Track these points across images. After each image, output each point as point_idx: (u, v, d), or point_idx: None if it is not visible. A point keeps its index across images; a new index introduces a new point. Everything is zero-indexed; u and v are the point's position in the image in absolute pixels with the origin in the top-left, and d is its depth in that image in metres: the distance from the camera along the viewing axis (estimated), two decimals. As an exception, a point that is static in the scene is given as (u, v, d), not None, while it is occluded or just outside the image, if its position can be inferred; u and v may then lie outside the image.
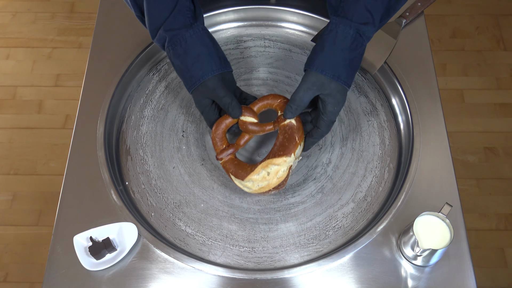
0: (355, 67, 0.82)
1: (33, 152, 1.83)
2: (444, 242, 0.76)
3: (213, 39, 0.86)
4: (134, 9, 0.86)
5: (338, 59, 0.80)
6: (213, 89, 0.83)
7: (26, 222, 1.70)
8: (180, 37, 0.83)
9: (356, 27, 0.79)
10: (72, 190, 0.88)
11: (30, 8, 2.16)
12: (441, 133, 0.92)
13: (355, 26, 0.79)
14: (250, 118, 0.86)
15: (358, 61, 0.82)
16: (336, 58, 0.80)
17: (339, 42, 0.79)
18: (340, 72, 0.80)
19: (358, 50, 0.81)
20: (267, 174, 0.82)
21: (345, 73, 0.80)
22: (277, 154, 0.82)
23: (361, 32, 0.80)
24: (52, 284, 0.81)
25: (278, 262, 0.84)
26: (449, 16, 2.10)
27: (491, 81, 1.95)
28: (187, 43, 0.83)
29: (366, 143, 0.94)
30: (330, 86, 0.80)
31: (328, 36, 0.80)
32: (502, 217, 1.68)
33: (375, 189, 0.90)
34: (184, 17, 0.83)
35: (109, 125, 0.95)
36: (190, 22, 0.83)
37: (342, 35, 0.79)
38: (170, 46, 0.84)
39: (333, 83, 0.80)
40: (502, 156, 1.79)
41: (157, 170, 0.92)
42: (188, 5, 0.84)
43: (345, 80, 0.81)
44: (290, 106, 0.82)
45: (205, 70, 0.83)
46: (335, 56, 0.80)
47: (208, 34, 0.85)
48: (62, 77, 2.00)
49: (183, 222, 0.87)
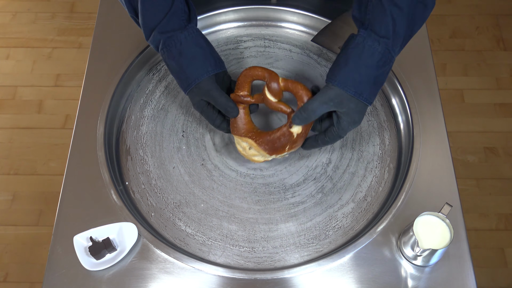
0: (378, 85, 0.79)
1: (33, 152, 1.83)
2: (444, 242, 0.76)
3: (207, 40, 0.86)
4: (128, 10, 0.86)
5: (363, 76, 0.76)
6: (208, 90, 0.83)
7: (26, 222, 1.70)
8: (175, 39, 0.83)
9: (385, 42, 0.75)
10: (72, 190, 0.88)
11: (30, 8, 2.16)
12: (441, 133, 0.92)
13: (384, 42, 0.75)
14: (272, 97, 0.86)
15: (383, 78, 0.79)
16: (360, 75, 0.76)
17: (366, 58, 0.76)
18: (362, 89, 0.77)
19: (385, 68, 0.77)
20: (248, 147, 0.87)
21: (368, 91, 0.77)
22: (262, 146, 0.85)
23: (390, 48, 0.76)
24: (52, 284, 0.80)
25: (278, 262, 0.84)
26: (449, 16, 2.10)
27: (491, 81, 1.95)
28: (182, 45, 0.83)
29: (366, 143, 0.94)
30: (349, 105, 0.78)
31: (354, 50, 0.76)
32: (502, 217, 1.68)
33: (375, 189, 0.90)
34: (178, 20, 0.83)
35: (109, 125, 0.95)
36: (184, 24, 0.84)
37: (369, 50, 0.75)
38: (165, 48, 0.84)
39: (352, 102, 0.77)
40: (502, 156, 1.79)
41: (157, 170, 0.92)
42: (183, 7, 0.84)
43: (367, 97, 0.78)
44: (300, 113, 0.81)
45: (200, 71, 0.83)
46: (359, 73, 0.76)
47: (202, 36, 0.85)
48: (62, 77, 2.00)
49: (183, 222, 0.87)
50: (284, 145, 0.85)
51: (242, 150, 0.88)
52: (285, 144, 0.85)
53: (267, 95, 0.85)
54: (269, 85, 0.84)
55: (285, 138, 0.84)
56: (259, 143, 0.85)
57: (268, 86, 0.84)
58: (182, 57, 0.83)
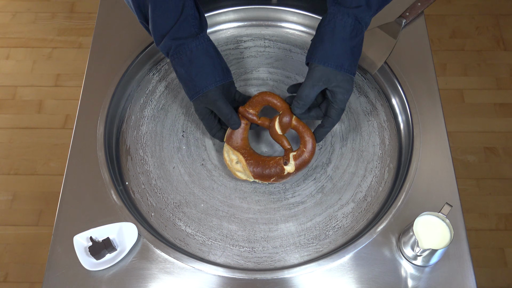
0: (356, 55, 0.83)
1: (33, 152, 1.83)
2: (444, 242, 0.76)
3: (217, 49, 0.87)
4: (138, 16, 0.86)
5: (339, 49, 0.80)
6: (214, 100, 0.84)
7: (26, 222, 1.70)
8: (186, 47, 0.83)
9: (354, 13, 0.79)
10: (72, 190, 0.88)
11: (30, 8, 2.16)
12: (441, 133, 0.92)
13: (353, 13, 0.79)
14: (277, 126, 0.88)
15: (359, 48, 0.83)
16: (337, 48, 0.80)
17: (339, 32, 0.80)
18: (343, 62, 0.81)
19: (358, 38, 0.81)
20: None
21: (348, 62, 0.81)
22: (250, 167, 0.86)
23: (359, 19, 0.80)
24: (52, 284, 0.80)
25: (278, 262, 0.84)
26: (449, 16, 2.10)
27: (491, 81, 1.95)
28: (192, 53, 0.83)
29: (366, 143, 0.94)
30: (337, 78, 0.81)
31: (327, 26, 0.81)
32: (502, 217, 1.68)
33: (375, 189, 0.90)
34: (190, 26, 0.83)
35: (109, 125, 0.95)
36: (195, 32, 0.84)
37: (340, 24, 0.80)
38: (175, 54, 0.84)
39: (339, 75, 0.81)
40: (502, 156, 1.79)
41: (157, 170, 0.92)
42: (193, 13, 0.84)
43: (349, 68, 0.81)
44: (297, 102, 0.84)
45: (209, 81, 0.84)
46: (336, 46, 0.80)
47: (212, 45, 0.86)
48: (62, 77, 2.00)
49: (183, 222, 0.87)
50: (271, 176, 0.86)
51: (228, 161, 0.88)
52: (273, 176, 0.86)
53: (275, 125, 0.87)
54: (281, 117, 0.86)
55: (275, 170, 0.85)
56: (249, 164, 0.86)
57: (280, 118, 0.86)
58: (192, 66, 0.83)
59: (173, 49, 0.84)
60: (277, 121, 0.87)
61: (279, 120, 0.86)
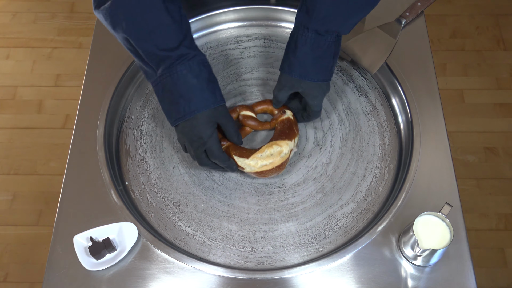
0: (325, 64, 0.85)
1: (33, 152, 1.83)
2: (444, 242, 0.76)
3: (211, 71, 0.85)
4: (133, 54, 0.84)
5: (302, 60, 0.84)
6: (226, 113, 0.85)
7: (26, 222, 1.70)
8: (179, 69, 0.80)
9: (315, 28, 0.82)
10: (72, 190, 0.88)
11: (30, 8, 2.16)
12: (441, 133, 0.92)
13: (313, 28, 0.82)
14: (249, 112, 0.93)
15: (327, 57, 0.85)
16: (299, 60, 0.84)
17: (301, 46, 0.83)
18: (307, 71, 0.85)
19: (321, 48, 0.84)
20: (270, 154, 0.87)
21: (314, 71, 0.85)
22: (279, 138, 0.89)
23: (321, 32, 0.82)
24: (52, 284, 0.81)
25: (278, 262, 0.84)
26: (449, 16, 2.10)
27: (491, 81, 1.95)
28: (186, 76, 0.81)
29: (366, 143, 0.94)
30: (301, 85, 0.86)
31: (291, 40, 0.86)
32: (502, 217, 1.68)
33: (375, 189, 0.90)
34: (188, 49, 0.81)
35: (109, 125, 0.95)
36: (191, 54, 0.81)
37: (301, 40, 0.83)
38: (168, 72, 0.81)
39: (302, 83, 0.86)
40: (502, 156, 1.79)
41: (157, 170, 0.92)
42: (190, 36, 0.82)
43: (315, 76, 0.85)
44: (274, 100, 0.92)
45: (217, 99, 0.84)
46: (298, 59, 0.84)
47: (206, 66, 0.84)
48: (62, 77, 2.00)
49: (183, 222, 0.87)
50: (292, 128, 0.90)
51: (255, 165, 0.88)
52: (292, 127, 0.90)
53: (247, 114, 0.94)
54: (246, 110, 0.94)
55: (287, 125, 0.90)
56: (276, 139, 0.90)
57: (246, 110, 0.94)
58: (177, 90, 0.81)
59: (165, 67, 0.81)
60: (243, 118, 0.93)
61: (243, 119, 0.93)
